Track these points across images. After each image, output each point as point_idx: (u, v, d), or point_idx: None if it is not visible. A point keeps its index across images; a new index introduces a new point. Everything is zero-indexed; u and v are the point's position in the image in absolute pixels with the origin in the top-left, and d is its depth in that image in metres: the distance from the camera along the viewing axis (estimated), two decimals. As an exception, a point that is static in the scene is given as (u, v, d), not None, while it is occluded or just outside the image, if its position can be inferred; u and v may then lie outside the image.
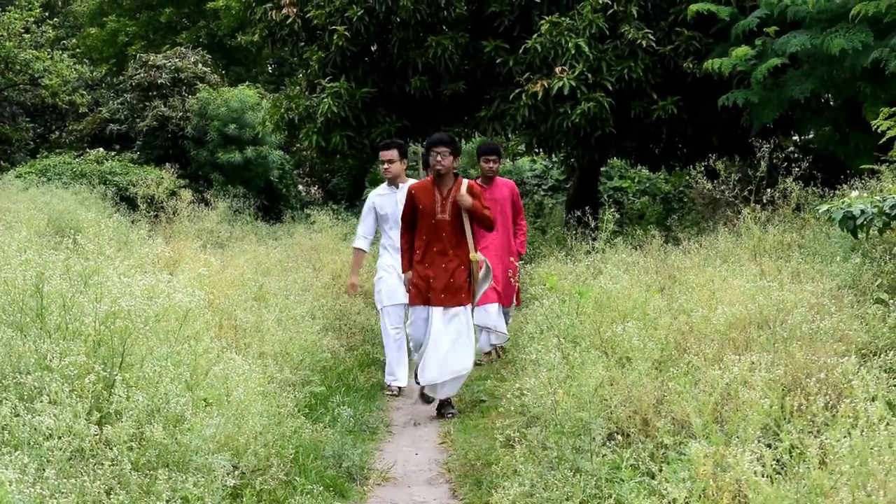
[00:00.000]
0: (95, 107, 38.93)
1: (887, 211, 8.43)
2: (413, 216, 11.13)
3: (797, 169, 13.46)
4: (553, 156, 25.91)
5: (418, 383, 11.31)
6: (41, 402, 6.09)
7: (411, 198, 11.11)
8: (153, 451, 6.47)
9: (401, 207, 11.72)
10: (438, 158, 10.89)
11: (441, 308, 11.00)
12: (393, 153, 12.83)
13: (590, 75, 16.90)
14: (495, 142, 13.60)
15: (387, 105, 19.89)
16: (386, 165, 12.84)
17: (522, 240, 14.61)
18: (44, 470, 5.47)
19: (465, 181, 11.10)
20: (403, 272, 11.48)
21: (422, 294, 11.07)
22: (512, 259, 13.62)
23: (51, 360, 6.60)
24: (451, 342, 10.98)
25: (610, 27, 17.35)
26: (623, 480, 6.55)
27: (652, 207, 25.13)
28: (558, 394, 7.98)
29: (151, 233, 18.26)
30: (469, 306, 11.20)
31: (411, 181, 12.33)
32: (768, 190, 13.72)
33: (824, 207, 9.35)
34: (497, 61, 17.99)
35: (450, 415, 11.23)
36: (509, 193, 14.28)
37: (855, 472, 5.02)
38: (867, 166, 11.55)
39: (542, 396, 8.05)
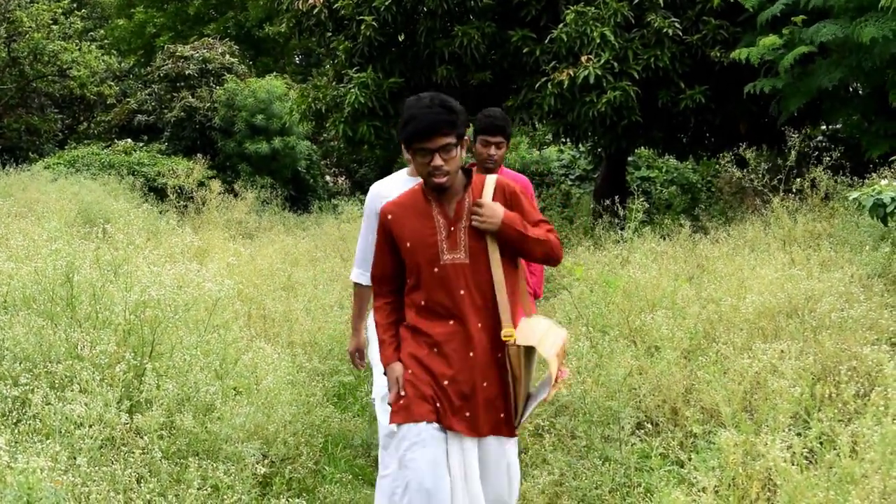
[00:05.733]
0: (123, 98, 39.02)
1: (917, 199, 8.40)
2: (394, 264, 5.73)
3: (828, 158, 13.44)
4: (580, 145, 25.82)
5: None
6: (72, 390, 6.12)
7: (384, 227, 5.70)
8: (183, 440, 6.51)
9: None
10: (437, 163, 5.35)
11: (465, 440, 5.50)
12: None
13: (616, 64, 16.83)
14: (502, 115, 7.94)
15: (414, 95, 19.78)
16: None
17: (539, 277, 8.33)
18: (75, 458, 5.49)
19: (490, 178, 5.68)
20: (384, 364, 5.75)
21: (425, 402, 5.45)
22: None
23: (81, 349, 6.64)
24: None
25: (636, 16, 17.27)
26: (652, 469, 6.55)
27: (679, 197, 25.07)
28: (587, 383, 7.99)
29: (180, 223, 18.34)
30: (516, 439, 5.78)
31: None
32: (797, 179, 13.71)
33: (854, 195, 9.32)
34: (524, 51, 17.93)
35: None
36: None
37: (885, 460, 5.01)
38: (883, 150, 11.47)
39: (571, 385, 8.05)
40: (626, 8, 16.97)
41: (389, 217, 5.67)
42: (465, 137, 5.50)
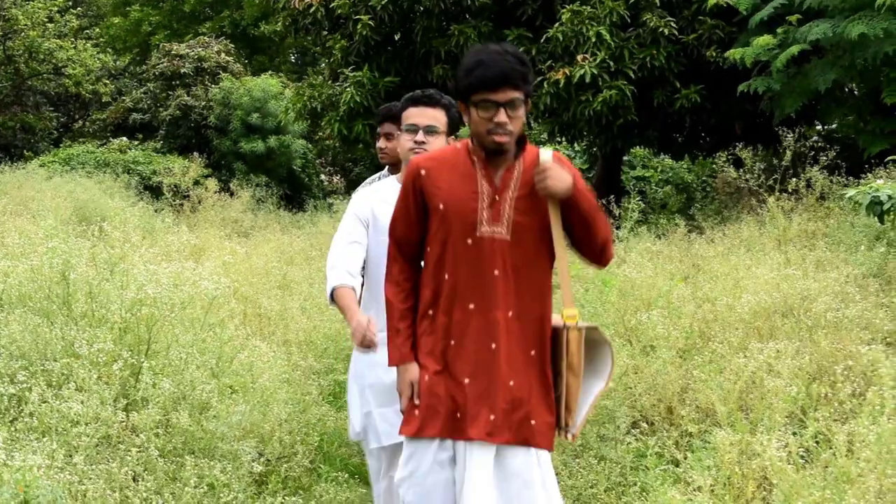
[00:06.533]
0: (118, 96, 39.01)
1: (914, 197, 8.43)
2: (420, 228, 4.90)
3: (824, 158, 13.48)
4: (576, 144, 25.87)
5: None
6: (69, 388, 6.13)
7: (415, 185, 4.85)
8: (179, 438, 6.51)
9: None
10: (502, 119, 4.59)
11: (484, 448, 4.71)
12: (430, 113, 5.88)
13: (611, 63, 16.88)
14: None
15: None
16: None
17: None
18: (71, 456, 5.51)
19: (546, 150, 4.83)
20: (394, 362, 4.91)
21: (439, 414, 4.76)
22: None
23: (78, 348, 6.65)
24: None
25: (632, 15, 17.33)
26: (648, 468, 6.55)
27: (675, 197, 25.09)
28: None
29: (176, 221, 18.36)
30: (550, 452, 4.89)
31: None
32: (793, 179, 13.75)
33: (850, 193, 9.35)
34: (520, 50, 17.95)
35: None
36: None
37: (881, 459, 5.03)
38: (892, 158, 11.49)
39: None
40: (621, 7, 17.03)
41: (423, 172, 4.83)
42: (529, 101, 4.77)
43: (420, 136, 5.75)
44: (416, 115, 5.84)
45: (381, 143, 7.00)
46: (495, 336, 4.68)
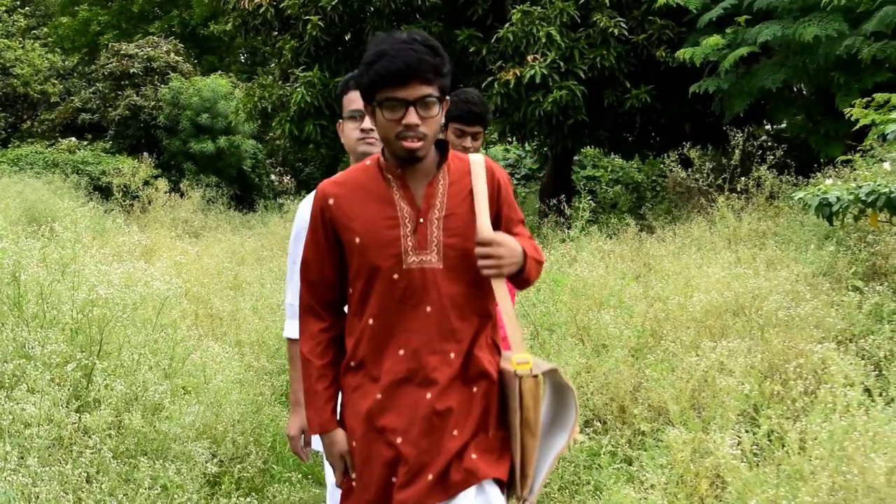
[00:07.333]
0: (67, 96, 38.78)
1: (863, 198, 8.48)
2: (335, 267, 4.16)
3: (771, 157, 13.58)
4: (526, 144, 25.92)
5: None
6: (20, 390, 6.09)
7: (324, 217, 4.10)
8: (132, 439, 6.48)
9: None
10: (412, 120, 3.84)
11: None
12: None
13: (562, 63, 16.91)
14: (481, 101, 6.28)
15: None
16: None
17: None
18: (24, 458, 5.48)
19: (477, 157, 4.20)
20: (315, 430, 4.18)
21: (371, 485, 4.04)
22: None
23: (30, 349, 6.61)
24: None
25: (582, 15, 17.37)
26: (601, 467, 6.58)
27: (625, 196, 25.19)
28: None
29: (126, 222, 18.28)
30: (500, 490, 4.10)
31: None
32: (742, 178, 13.85)
33: (800, 194, 9.41)
34: (470, 50, 17.99)
35: None
36: None
37: (834, 456, 5.06)
38: (843, 158, 11.59)
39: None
40: (571, 7, 17.06)
41: (331, 202, 4.06)
42: (447, 98, 3.98)
43: (367, 123, 4.91)
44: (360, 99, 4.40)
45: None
46: (430, 384, 3.94)
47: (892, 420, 5.23)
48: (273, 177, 39.45)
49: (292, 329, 5.00)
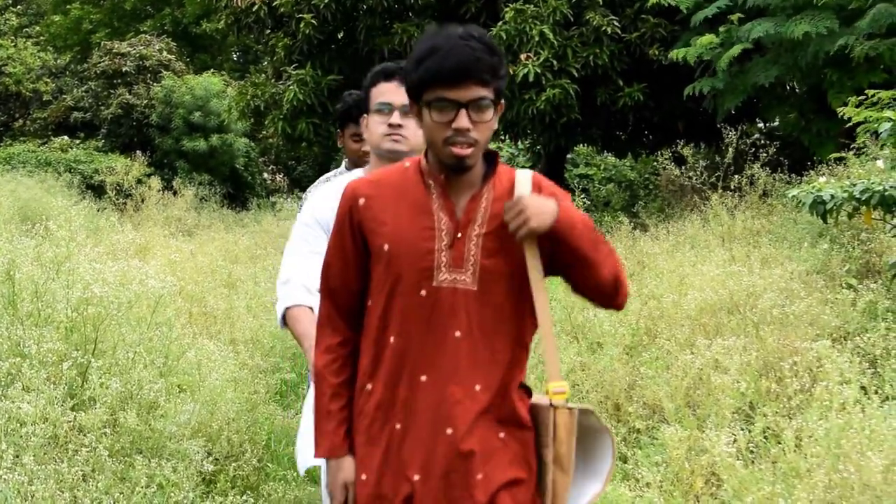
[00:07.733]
0: (59, 95, 38.70)
1: (857, 196, 8.48)
2: (358, 275, 3.67)
3: (765, 155, 13.58)
4: (519, 142, 25.91)
5: None
6: (16, 388, 6.09)
7: (352, 218, 3.63)
8: (127, 438, 6.47)
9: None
10: (464, 124, 3.38)
11: None
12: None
13: (555, 62, 16.92)
14: None
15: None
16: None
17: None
18: (20, 456, 5.47)
19: (524, 172, 3.66)
20: (323, 454, 3.68)
21: None
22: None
23: (25, 347, 6.60)
24: None
25: (575, 14, 17.38)
26: (597, 464, 6.57)
27: (618, 194, 25.19)
28: (529, 379, 8.02)
29: (120, 220, 18.28)
30: None
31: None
32: (735, 176, 13.85)
33: (794, 192, 9.41)
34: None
35: None
36: None
37: (830, 454, 5.07)
38: (836, 155, 11.59)
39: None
40: (565, 6, 17.07)
41: (362, 202, 3.60)
42: (502, 102, 3.53)
43: (396, 118, 4.60)
44: (391, 91, 4.63)
45: (352, 146, 6.20)
46: (453, 418, 3.46)
47: (887, 417, 5.24)
48: (266, 175, 39.42)
49: (285, 298, 4.60)
